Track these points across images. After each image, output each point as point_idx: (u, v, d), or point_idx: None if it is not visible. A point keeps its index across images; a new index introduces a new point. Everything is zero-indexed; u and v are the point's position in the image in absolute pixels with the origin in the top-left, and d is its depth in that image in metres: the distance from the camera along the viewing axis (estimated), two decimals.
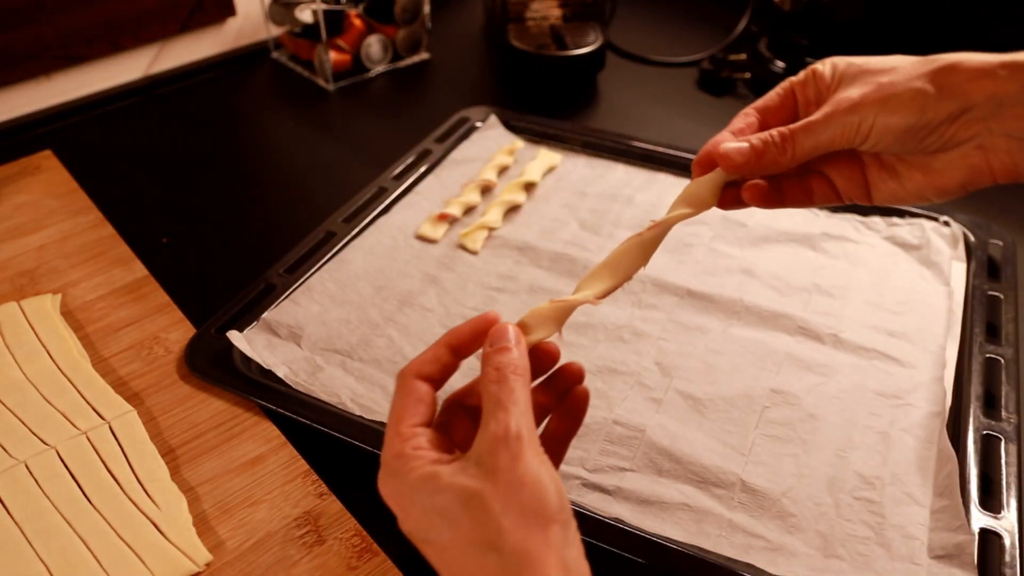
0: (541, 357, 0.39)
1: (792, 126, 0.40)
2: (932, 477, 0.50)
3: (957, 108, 0.37)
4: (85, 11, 0.88)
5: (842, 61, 0.41)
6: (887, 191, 0.42)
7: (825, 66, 0.41)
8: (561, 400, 0.40)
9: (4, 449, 0.50)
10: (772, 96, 0.44)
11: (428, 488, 0.33)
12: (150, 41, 0.95)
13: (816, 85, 0.42)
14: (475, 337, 0.37)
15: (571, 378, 0.40)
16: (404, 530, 0.35)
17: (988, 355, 0.58)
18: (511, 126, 0.84)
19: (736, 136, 0.43)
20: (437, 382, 0.37)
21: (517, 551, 0.30)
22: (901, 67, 0.39)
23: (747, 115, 0.44)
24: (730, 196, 0.44)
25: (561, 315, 0.38)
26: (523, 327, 0.38)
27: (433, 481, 0.33)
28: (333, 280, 0.64)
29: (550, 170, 0.78)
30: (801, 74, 0.42)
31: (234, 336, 0.57)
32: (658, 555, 0.45)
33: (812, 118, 0.40)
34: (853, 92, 0.39)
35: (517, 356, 0.35)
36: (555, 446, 0.40)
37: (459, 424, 0.38)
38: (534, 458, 0.32)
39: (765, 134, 0.41)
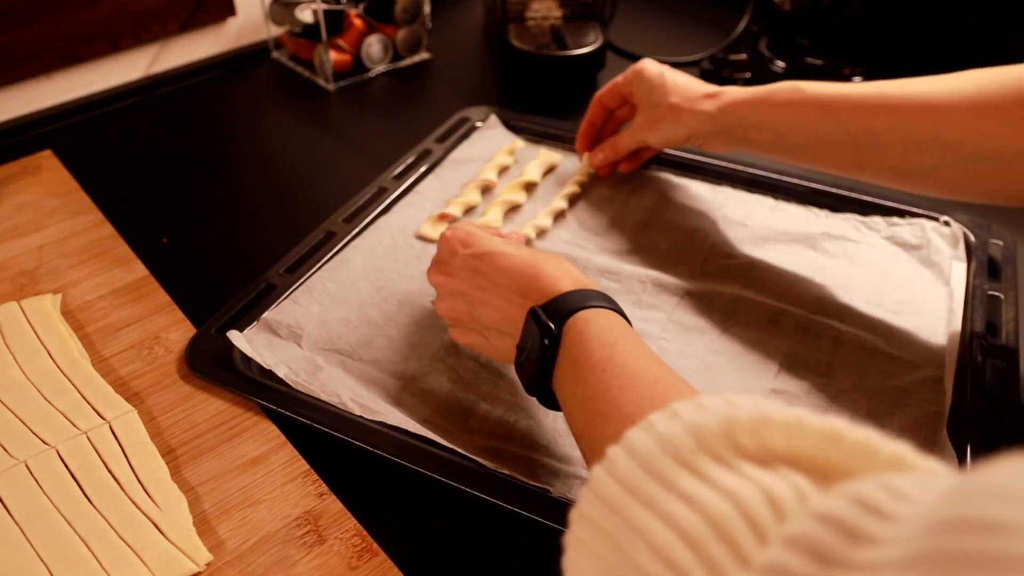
0: None
1: (615, 140, 0.73)
2: None
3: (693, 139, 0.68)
4: (85, 11, 0.88)
5: (640, 71, 0.69)
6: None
7: (631, 77, 0.70)
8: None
9: (4, 449, 0.50)
10: (606, 93, 0.73)
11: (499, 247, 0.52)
12: (150, 41, 0.95)
13: (629, 90, 0.71)
14: None
15: None
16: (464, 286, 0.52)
17: (988, 355, 0.58)
18: (511, 126, 0.84)
19: (586, 137, 0.76)
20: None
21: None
22: (667, 114, 0.67)
23: (595, 108, 0.75)
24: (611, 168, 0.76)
25: None
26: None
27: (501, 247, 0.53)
28: (333, 280, 0.64)
29: (550, 170, 0.78)
30: (621, 79, 0.71)
31: (234, 336, 0.57)
32: None
33: (623, 134, 0.72)
34: (641, 119, 0.70)
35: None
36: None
37: None
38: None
39: (608, 150, 0.73)
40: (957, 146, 0.52)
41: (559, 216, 0.72)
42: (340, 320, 0.60)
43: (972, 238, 0.67)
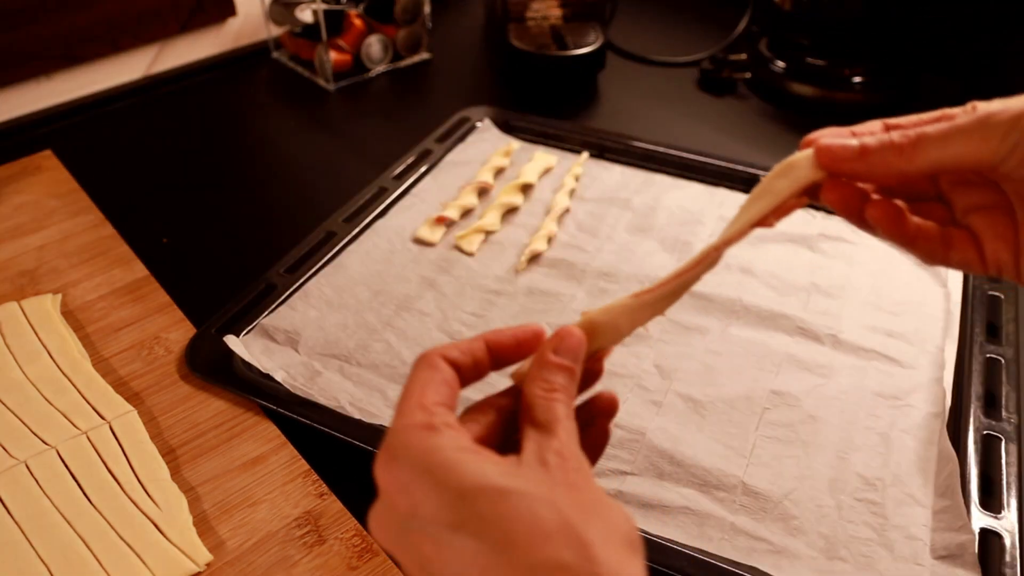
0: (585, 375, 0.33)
1: (923, 130, 0.32)
2: (933, 478, 0.50)
3: None
4: (85, 11, 0.88)
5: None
6: None
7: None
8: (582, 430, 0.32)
9: (4, 449, 0.50)
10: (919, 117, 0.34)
11: (473, 470, 0.25)
12: (150, 41, 0.95)
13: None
14: (517, 348, 0.32)
15: (602, 409, 0.34)
16: (399, 529, 0.26)
17: (988, 355, 0.58)
18: (511, 126, 0.84)
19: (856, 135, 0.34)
20: (462, 376, 0.31)
21: None
22: None
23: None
24: (852, 197, 0.33)
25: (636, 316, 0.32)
26: (589, 328, 0.32)
27: (479, 466, 0.25)
28: (330, 285, 0.64)
29: (546, 171, 0.78)
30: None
31: (231, 341, 0.57)
32: (661, 556, 0.45)
33: (952, 124, 0.31)
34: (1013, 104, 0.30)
35: (574, 386, 0.30)
36: None
37: (482, 424, 0.31)
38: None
39: (885, 135, 0.32)
40: None
41: (561, 216, 0.72)
42: (338, 325, 0.60)
43: None
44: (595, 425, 0.33)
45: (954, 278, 0.64)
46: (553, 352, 0.30)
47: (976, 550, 0.45)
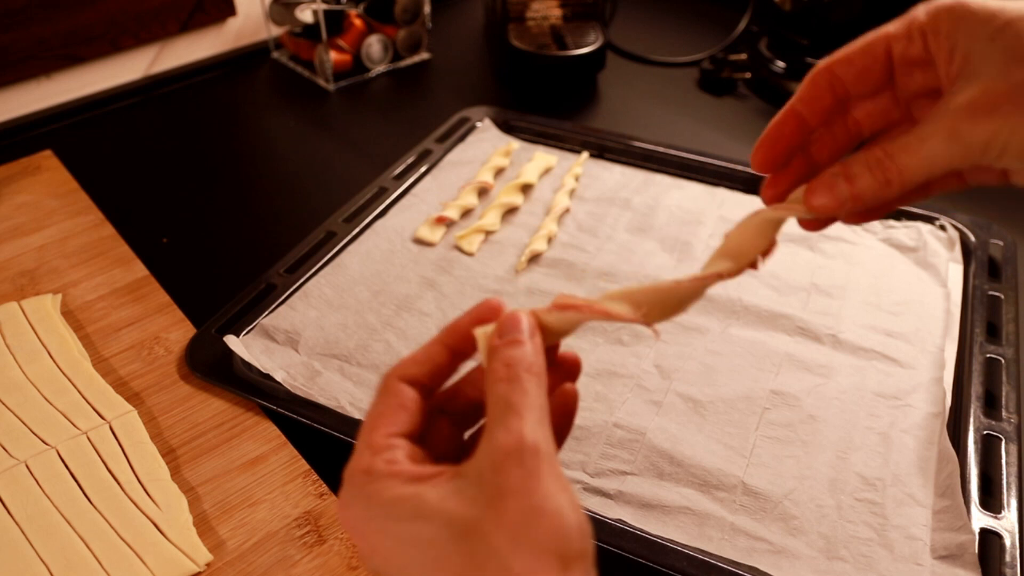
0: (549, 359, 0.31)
1: (904, 163, 0.30)
2: (933, 478, 0.50)
3: None
4: (85, 11, 0.88)
5: (961, 8, 0.29)
6: None
7: (940, 19, 0.30)
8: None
9: (4, 449, 0.50)
10: (853, 54, 0.33)
11: (407, 512, 0.26)
12: (150, 41, 0.95)
13: (924, 44, 0.31)
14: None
15: (565, 372, 0.33)
16: (369, 568, 0.28)
17: (988, 355, 0.58)
18: (511, 126, 0.84)
19: (771, 142, 0.37)
20: (427, 387, 0.31)
21: None
22: None
23: (809, 91, 0.36)
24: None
25: (573, 322, 0.31)
26: (539, 322, 0.31)
27: (414, 504, 0.26)
28: (330, 285, 0.64)
29: (547, 171, 0.78)
30: (898, 26, 0.31)
31: (231, 341, 0.57)
32: (661, 556, 0.45)
33: (920, 134, 0.29)
34: (979, 93, 0.28)
35: (531, 352, 0.29)
36: None
37: (438, 435, 0.32)
38: (554, 480, 0.25)
39: (871, 178, 0.31)
40: None
41: (561, 216, 0.72)
42: (337, 325, 0.60)
43: (972, 238, 0.67)
44: (559, 392, 0.32)
45: (954, 278, 0.64)
46: (498, 337, 0.30)
47: (976, 550, 0.45)
